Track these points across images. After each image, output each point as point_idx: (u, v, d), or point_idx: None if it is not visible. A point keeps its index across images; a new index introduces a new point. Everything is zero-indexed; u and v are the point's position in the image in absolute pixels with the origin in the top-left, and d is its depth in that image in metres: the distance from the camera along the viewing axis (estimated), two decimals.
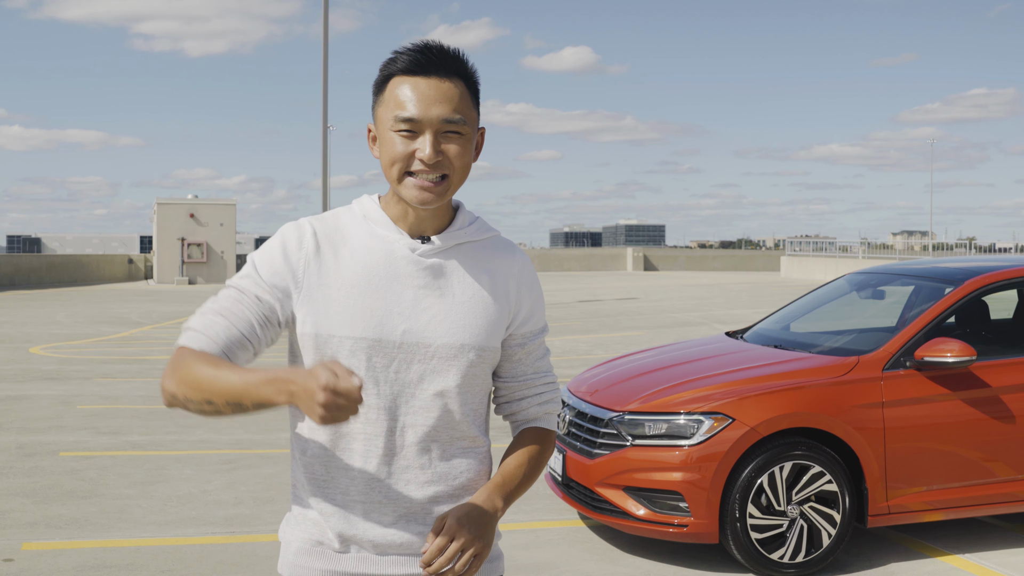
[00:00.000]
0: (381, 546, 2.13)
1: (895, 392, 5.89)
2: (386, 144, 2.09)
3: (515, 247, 2.28)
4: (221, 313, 2.05)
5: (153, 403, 11.25)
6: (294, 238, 2.12)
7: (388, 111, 2.09)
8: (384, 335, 2.09)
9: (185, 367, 1.97)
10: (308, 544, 2.16)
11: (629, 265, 56.81)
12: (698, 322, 20.81)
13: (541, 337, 2.29)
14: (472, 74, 2.13)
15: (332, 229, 2.15)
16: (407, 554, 2.14)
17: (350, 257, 2.12)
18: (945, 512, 5.99)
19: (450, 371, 2.13)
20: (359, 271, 2.11)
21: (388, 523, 2.12)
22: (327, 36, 25.83)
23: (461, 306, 2.14)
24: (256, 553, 6.07)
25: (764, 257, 61.22)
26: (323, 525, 2.14)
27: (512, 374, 2.26)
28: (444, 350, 2.12)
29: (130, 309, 26.81)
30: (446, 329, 2.12)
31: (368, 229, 2.16)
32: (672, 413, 5.77)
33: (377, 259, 2.12)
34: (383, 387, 2.10)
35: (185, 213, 45.01)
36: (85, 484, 7.63)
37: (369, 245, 2.13)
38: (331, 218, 2.18)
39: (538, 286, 2.29)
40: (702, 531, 5.63)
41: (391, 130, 2.08)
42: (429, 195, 2.07)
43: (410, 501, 2.12)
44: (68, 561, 5.87)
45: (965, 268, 6.72)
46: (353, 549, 2.13)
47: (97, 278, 45.62)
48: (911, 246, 57.05)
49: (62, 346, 17.21)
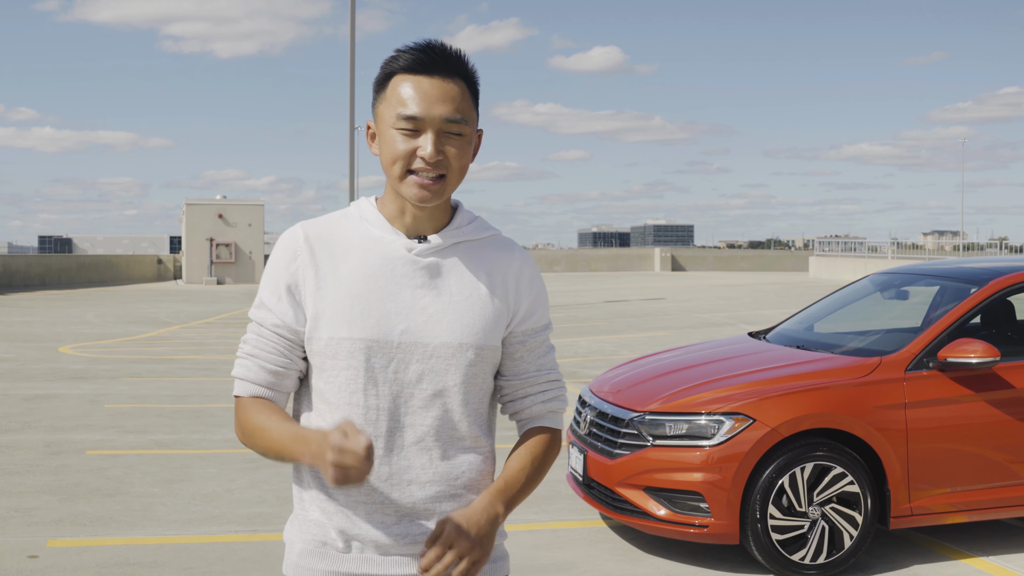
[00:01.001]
0: (384, 546, 2.13)
1: (918, 393, 5.85)
2: (387, 142, 2.10)
3: (514, 244, 2.28)
4: (252, 355, 2.17)
5: (179, 402, 11.33)
6: (288, 252, 2.16)
7: (390, 108, 2.10)
8: (382, 335, 2.09)
9: (243, 421, 2.15)
10: (312, 545, 2.17)
11: (657, 265, 56.67)
12: (725, 323, 20.73)
13: (544, 334, 2.28)
14: (473, 74, 2.15)
15: (326, 232, 2.16)
16: (410, 555, 2.14)
17: (346, 259, 2.13)
18: (968, 514, 5.95)
19: (449, 370, 2.13)
20: (356, 272, 2.12)
21: (391, 523, 2.12)
22: (354, 37, 25.91)
23: (459, 305, 2.14)
24: (277, 552, 6.09)
25: (793, 257, 60.94)
26: (326, 525, 2.15)
27: (514, 372, 2.26)
28: (442, 349, 2.12)
29: (158, 309, 27.01)
30: (444, 328, 2.12)
31: (364, 231, 2.16)
32: (693, 413, 5.76)
33: (374, 260, 2.13)
34: (382, 387, 2.11)
35: (214, 214, 45.29)
36: (110, 482, 7.69)
37: (365, 247, 2.14)
38: (324, 222, 2.19)
39: (539, 283, 2.27)
40: (723, 532, 5.62)
41: (392, 127, 2.09)
42: (427, 193, 2.08)
43: (412, 500, 2.12)
44: (92, 558, 5.92)
45: (990, 268, 6.67)
46: (356, 549, 2.14)
47: (126, 278, 45.97)
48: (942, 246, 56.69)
49: (91, 346, 17.36)
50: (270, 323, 2.15)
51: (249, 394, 2.17)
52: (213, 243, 44.86)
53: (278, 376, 2.16)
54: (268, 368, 2.16)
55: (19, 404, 11.17)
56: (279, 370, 2.16)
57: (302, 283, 2.13)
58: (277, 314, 2.15)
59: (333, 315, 2.10)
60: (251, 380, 2.16)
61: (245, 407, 2.16)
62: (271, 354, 2.16)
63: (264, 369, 2.16)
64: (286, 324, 2.14)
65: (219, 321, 23.22)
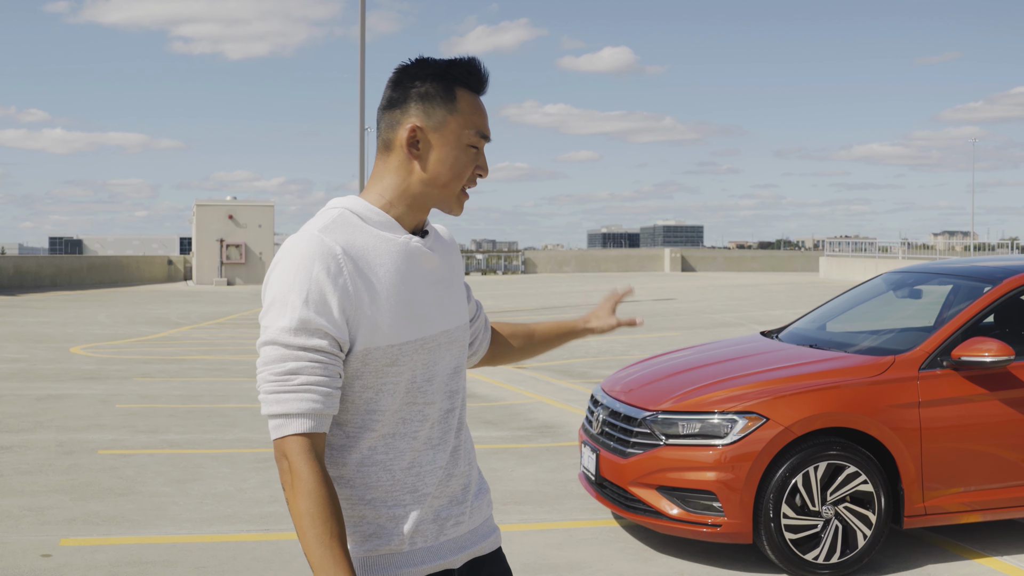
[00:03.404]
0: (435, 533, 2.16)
1: (932, 392, 5.83)
2: (455, 156, 2.15)
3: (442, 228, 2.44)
4: (315, 384, 2.00)
5: (190, 402, 11.35)
6: (330, 264, 2.01)
7: (466, 123, 2.14)
8: (426, 332, 2.15)
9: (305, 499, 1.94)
10: (373, 556, 2.11)
11: (666, 266, 56.61)
12: (735, 323, 20.70)
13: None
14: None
15: (350, 239, 2.07)
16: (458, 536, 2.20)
17: (379, 265, 2.08)
18: (983, 513, 5.92)
19: (462, 351, 2.27)
20: (393, 277, 2.09)
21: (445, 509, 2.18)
22: (364, 38, 25.93)
23: (456, 288, 2.29)
24: (290, 551, 6.10)
25: (803, 258, 60.82)
26: (391, 531, 2.10)
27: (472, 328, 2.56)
28: (456, 332, 2.25)
29: (169, 310, 27.06)
30: (454, 312, 2.25)
31: (374, 234, 2.11)
32: (706, 412, 5.74)
33: (401, 261, 2.12)
34: (434, 382, 2.18)
35: (224, 215, 45.36)
36: (123, 482, 7.70)
37: (386, 249, 2.11)
38: (339, 229, 2.08)
39: None
40: (736, 531, 5.60)
41: (465, 142, 2.14)
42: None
43: (456, 481, 2.21)
44: (105, 557, 5.93)
45: (1003, 267, 6.64)
46: (420, 543, 2.14)
47: (137, 279, 46.08)
48: (952, 246, 56.50)
49: (102, 346, 17.39)
50: (327, 346, 2.00)
51: (319, 430, 2.00)
52: (223, 244, 44.93)
53: (335, 399, 2.03)
54: (331, 392, 2.01)
55: (31, 404, 11.19)
56: (335, 392, 2.03)
57: (355, 296, 2.03)
58: (335, 335, 2.01)
59: (391, 323, 2.07)
60: (321, 412, 2.00)
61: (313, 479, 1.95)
62: (334, 377, 2.02)
63: (332, 393, 2.01)
64: (340, 342, 2.02)
65: (230, 322, 23.25)
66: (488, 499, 2.34)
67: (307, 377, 1.98)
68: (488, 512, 2.33)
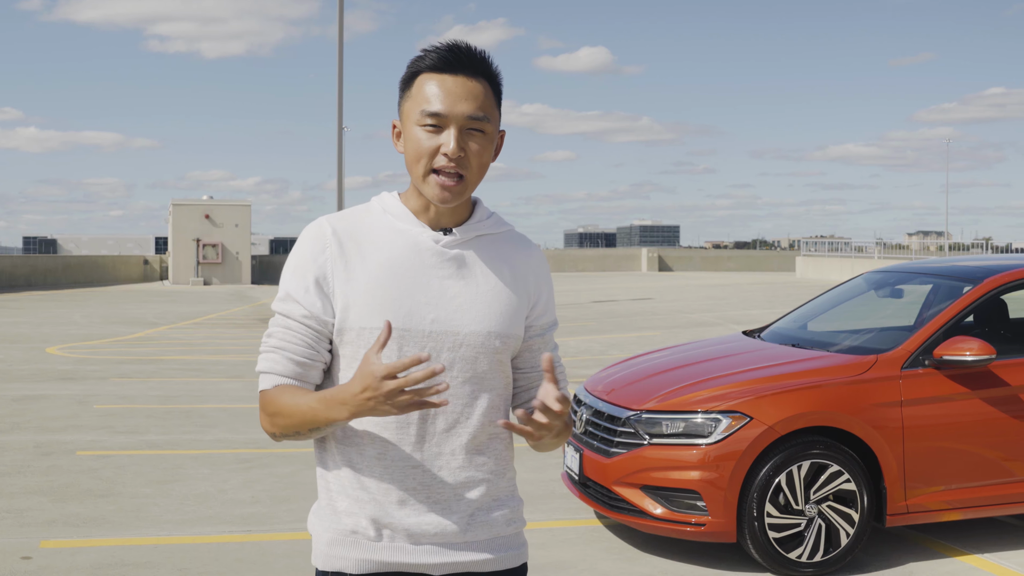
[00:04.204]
0: (415, 535, 2.17)
1: (914, 391, 5.86)
2: (411, 139, 2.15)
3: (530, 241, 2.36)
4: (278, 347, 2.17)
5: (169, 403, 11.28)
6: (316, 244, 2.17)
7: (415, 106, 2.15)
8: (414, 324, 2.14)
9: (270, 406, 2.14)
10: (341, 534, 2.19)
11: (644, 266, 56.73)
12: (713, 322, 20.76)
13: (554, 330, 2.38)
14: (496, 75, 2.21)
15: (351, 225, 2.21)
16: (440, 544, 2.18)
17: (374, 250, 2.17)
18: (964, 512, 5.96)
19: (479, 358, 2.19)
20: (384, 263, 2.16)
21: (422, 511, 2.16)
22: (342, 37, 25.86)
23: (485, 294, 2.20)
24: (273, 551, 6.07)
25: (779, 257, 61.06)
26: (357, 515, 2.17)
27: (531, 364, 2.34)
28: (472, 337, 2.17)
29: (146, 310, 26.91)
30: (473, 317, 2.18)
31: (389, 223, 2.21)
32: (689, 412, 5.75)
33: (401, 251, 2.18)
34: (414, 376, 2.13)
35: (200, 214, 45.15)
36: (102, 483, 7.65)
37: (392, 239, 2.19)
38: (349, 215, 2.24)
39: (551, 280, 2.37)
40: (720, 530, 5.61)
41: (417, 124, 2.14)
42: (448, 194, 2.14)
43: (443, 487, 2.17)
44: (86, 559, 5.88)
45: (984, 267, 6.68)
46: (387, 538, 2.17)
47: (113, 279, 45.79)
48: (927, 246, 56.87)
49: (78, 346, 17.28)
50: (298, 314, 2.16)
51: (274, 385, 2.17)
52: (200, 243, 44.72)
53: (305, 367, 2.17)
54: (295, 359, 2.16)
55: (8, 405, 11.10)
56: (306, 361, 2.17)
57: (331, 274, 2.15)
58: (306, 305, 2.16)
59: (364, 305, 2.14)
60: (278, 372, 2.17)
61: (268, 395, 2.16)
62: (298, 345, 2.17)
63: (292, 360, 2.16)
64: (315, 315, 2.15)
65: (207, 322, 23.14)
66: (505, 516, 2.26)
67: (277, 341, 2.17)
68: (501, 531, 2.25)
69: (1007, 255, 8.02)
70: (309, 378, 2.18)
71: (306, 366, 2.17)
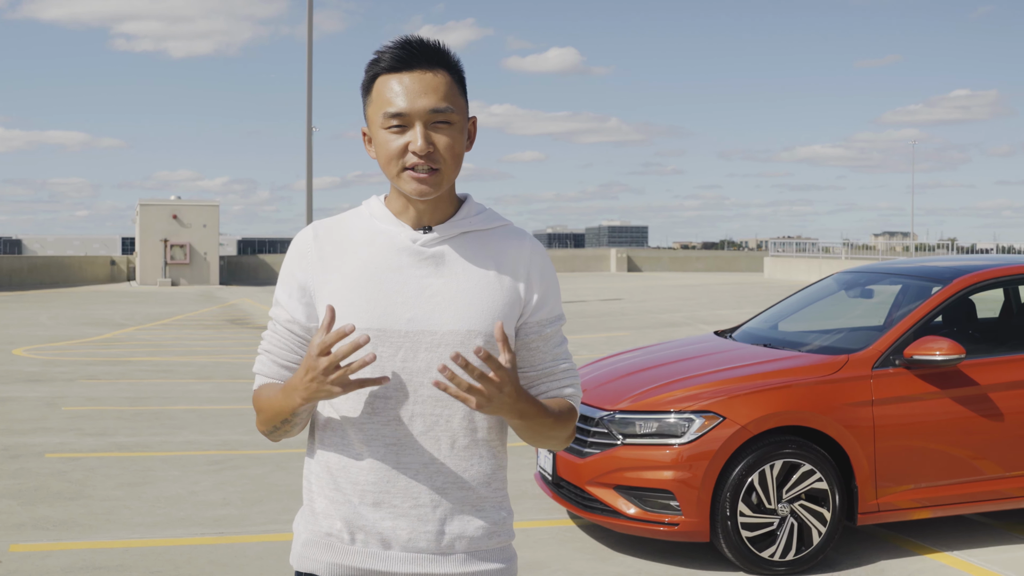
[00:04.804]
0: (387, 540, 2.13)
1: (885, 390, 5.91)
2: (379, 143, 2.15)
3: (526, 234, 2.28)
4: (268, 350, 2.25)
5: (138, 404, 11.21)
6: (298, 251, 2.23)
7: (377, 109, 2.14)
8: (389, 324, 2.11)
9: (255, 405, 2.25)
10: (317, 535, 2.18)
11: (613, 266, 56.85)
12: (683, 323, 20.84)
13: (558, 324, 2.27)
14: (455, 64, 2.18)
15: (334, 228, 2.24)
16: (413, 551, 2.13)
17: (354, 253, 2.18)
18: (933, 510, 6.01)
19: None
20: (362, 264, 2.16)
21: (396, 515, 2.13)
22: (311, 37, 25.77)
23: (467, 293, 2.15)
24: (246, 553, 6.04)
25: (747, 258, 61.37)
26: (332, 516, 2.16)
27: (531, 363, 2.25)
28: (451, 337, 2.12)
29: (113, 311, 26.70)
30: (451, 315, 2.13)
31: (371, 225, 2.22)
32: (663, 412, 5.77)
33: (379, 252, 2.17)
34: (390, 377, 2.11)
35: (168, 214, 44.85)
36: (72, 485, 7.59)
37: (371, 239, 2.19)
38: (338, 219, 2.28)
39: (552, 273, 2.27)
40: (693, 529, 5.64)
41: (382, 128, 2.13)
42: (425, 187, 2.11)
43: (419, 492, 2.13)
44: (57, 562, 5.84)
45: (952, 267, 6.75)
46: (359, 542, 2.14)
47: (79, 279, 45.40)
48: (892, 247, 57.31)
49: (45, 348, 17.13)
50: (283, 320, 2.23)
51: (262, 386, 2.26)
52: (167, 244, 44.42)
53: (289, 371, 2.23)
54: (280, 363, 2.23)
55: None
56: (290, 365, 2.23)
57: (312, 280, 2.19)
58: (288, 311, 2.21)
59: (339, 306, 2.13)
60: (265, 374, 2.26)
61: (255, 395, 2.26)
62: (283, 350, 2.23)
63: (277, 364, 2.24)
64: (297, 320, 2.20)
65: (175, 323, 22.99)
66: (486, 528, 2.19)
67: (267, 344, 2.25)
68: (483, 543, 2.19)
69: (973, 255, 8.11)
70: None
71: (291, 369, 2.23)
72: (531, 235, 2.28)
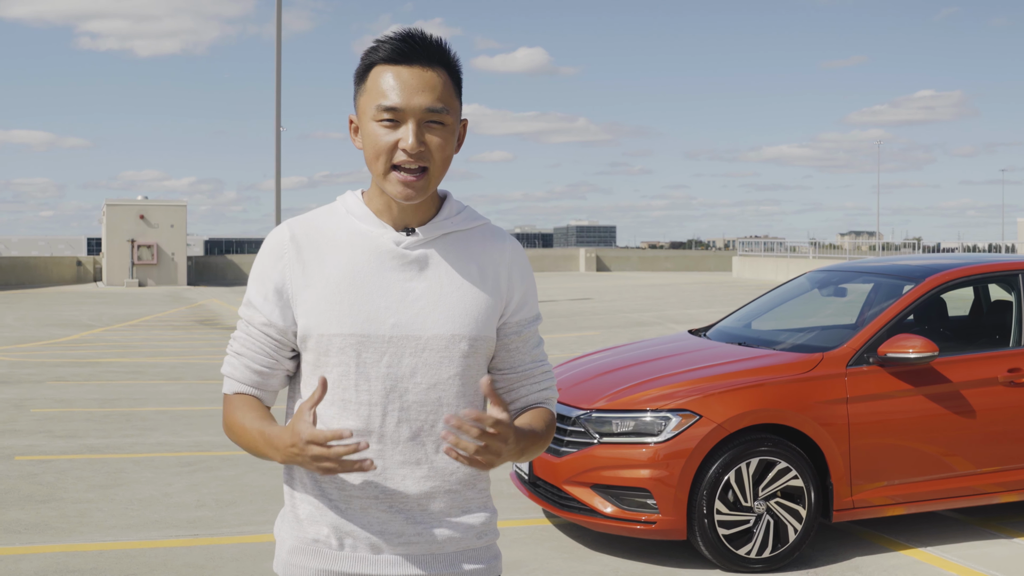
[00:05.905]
0: (377, 545, 2.11)
1: (859, 388, 5.95)
2: (368, 135, 2.07)
3: (506, 234, 2.24)
4: (240, 352, 2.17)
5: (108, 406, 11.12)
6: (274, 251, 2.14)
7: (370, 100, 2.06)
8: (373, 330, 2.07)
9: (227, 418, 2.17)
10: (303, 542, 2.14)
11: (582, 266, 56.96)
12: (653, 322, 20.90)
13: (535, 325, 2.25)
14: (455, 63, 2.11)
15: (313, 228, 2.14)
16: (402, 554, 2.12)
17: (334, 255, 2.11)
18: (907, 506, 6.06)
19: (443, 363, 2.09)
20: (344, 268, 2.09)
21: (385, 520, 2.10)
22: (280, 37, 25.66)
23: (450, 296, 2.11)
24: (222, 555, 6.01)
25: (715, 257, 61.66)
26: (319, 522, 2.12)
27: (510, 364, 2.22)
28: (435, 341, 2.09)
29: (81, 311, 26.47)
30: (436, 320, 2.09)
31: (351, 225, 2.14)
32: (639, 410, 5.79)
33: (362, 254, 2.10)
34: (375, 383, 2.07)
35: (135, 215, 44.50)
36: (43, 488, 7.52)
37: (353, 241, 2.12)
38: (312, 218, 2.17)
39: (530, 273, 2.24)
40: (670, 528, 5.66)
41: (373, 120, 2.05)
42: (411, 191, 2.05)
43: (405, 497, 2.10)
44: (30, 566, 5.78)
45: (925, 266, 6.81)
46: (348, 547, 2.11)
47: (45, 280, 44.98)
48: (859, 246, 57.77)
49: (12, 349, 16.95)
50: (258, 322, 2.15)
51: (234, 392, 2.18)
52: (134, 244, 44.08)
53: (263, 376, 2.17)
54: (253, 368, 2.16)
55: None
56: (264, 370, 2.16)
57: (290, 282, 2.11)
58: (264, 313, 2.14)
59: (323, 312, 2.08)
60: (237, 379, 2.17)
61: (228, 404, 2.18)
62: (257, 353, 2.16)
63: (249, 368, 2.16)
64: (273, 324, 2.13)
65: (144, 324, 22.82)
66: (475, 529, 2.17)
67: (239, 346, 2.17)
68: (471, 543, 2.17)
69: (942, 255, 8.18)
70: (269, 386, 2.18)
71: (265, 375, 2.17)
72: (510, 235, 2.24)
